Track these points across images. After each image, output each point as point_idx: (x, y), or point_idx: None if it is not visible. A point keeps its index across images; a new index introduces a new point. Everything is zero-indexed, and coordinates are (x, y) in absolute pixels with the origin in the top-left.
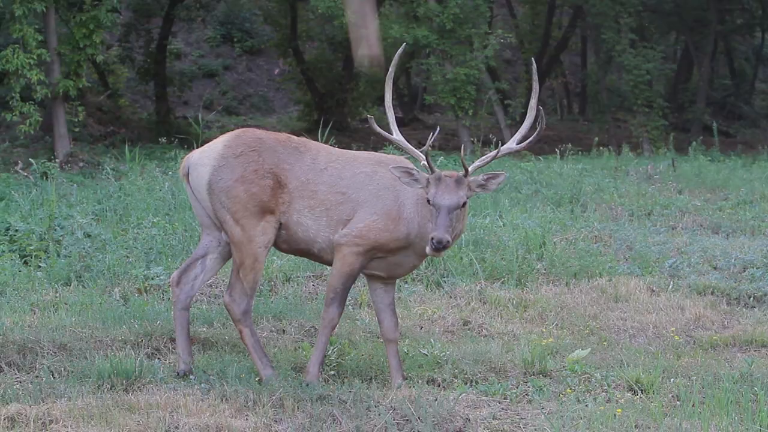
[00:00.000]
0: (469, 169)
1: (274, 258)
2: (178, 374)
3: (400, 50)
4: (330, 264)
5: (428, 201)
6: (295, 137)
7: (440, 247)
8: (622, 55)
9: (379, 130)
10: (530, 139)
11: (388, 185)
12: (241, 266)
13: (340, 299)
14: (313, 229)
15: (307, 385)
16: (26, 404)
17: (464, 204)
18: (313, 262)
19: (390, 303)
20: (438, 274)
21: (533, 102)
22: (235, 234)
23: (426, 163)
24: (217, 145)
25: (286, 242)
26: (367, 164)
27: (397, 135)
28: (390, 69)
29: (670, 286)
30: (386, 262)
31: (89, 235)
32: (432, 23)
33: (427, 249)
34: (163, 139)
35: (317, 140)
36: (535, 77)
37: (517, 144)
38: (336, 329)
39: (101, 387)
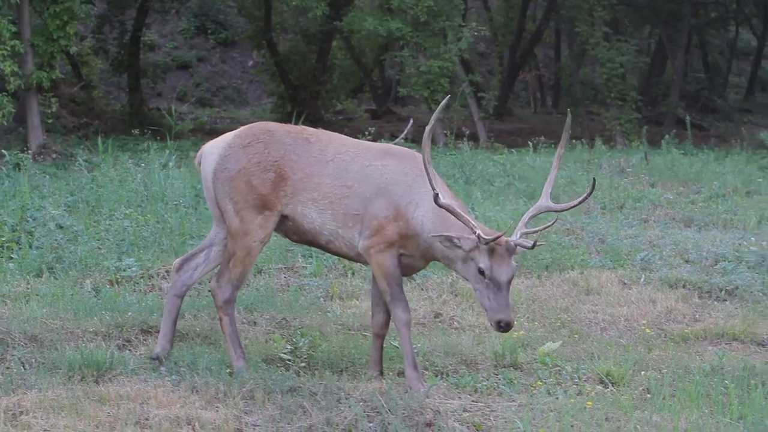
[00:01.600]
0: (521, 239)
1: None
2: (151, 357)
3: (443, 102)
4: (341, 255)
5: (481, 272)
6: (311, 129)
7: (507, 330)
8: (595, 48)
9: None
10: (579, 200)
11: (397, 180)
12: (233, 256)
13: (398, 299)
14: (318, 222)
15: (410, 389)
16: None
17: None
18: (284, 255)
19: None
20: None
21: (560, 152)
22: (233, 224)
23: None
24: (229, 135)
25: (294, 233)
26: (378, 157)
27: (443, 200)
28: (430, 123)
29: (642, 279)
30: (406, 260)
31: (61, 227)
32: (406, 16)
33: (492, 327)
34: (136, 131)
35: None
36: (567, 128)
37: (558, 203)
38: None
39: (72, 378)
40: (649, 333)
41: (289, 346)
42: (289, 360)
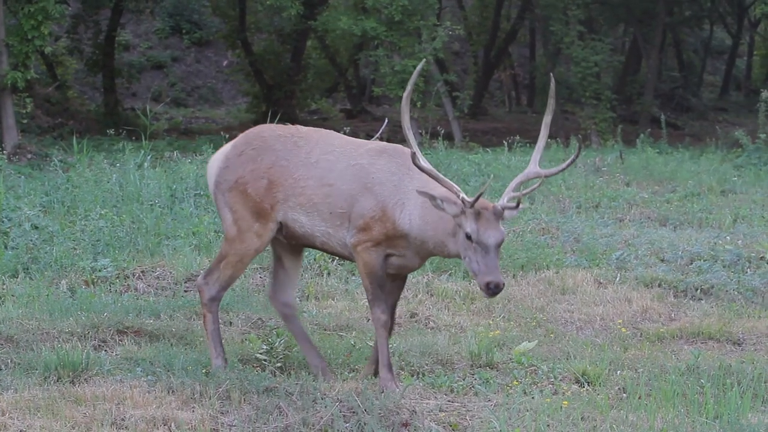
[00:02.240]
0: (508, 202)
1: None
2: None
3: (419, 66)
4: (338, 255)
5: (468, 236)
6: (304, 130)
7: (497, 291)
8: (570, 47)
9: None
10: (566, 164)
11: (383, 179)
12: (224, 259)
13: (376, 298)
14: (308, 225)
15: (383, 391)
16: None
17: None
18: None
19: (393, 303)
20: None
21: (547, 119)
22: (231, 232)
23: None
24: (227, 146)
25: (292, 238)
26: (366, 155)
27: (424, 162)
28: (407, 87)
29: (617, 279)
30: (398, 260)
31: (37, 227)
32: (380, 15)
33: (481, 292)
34: (111, 131)
35: None
36: (552, 93)
37: (544, 169)
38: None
39: (48, 379)
40: (624, 332)
41: (265, 347)
42: (265, 360)
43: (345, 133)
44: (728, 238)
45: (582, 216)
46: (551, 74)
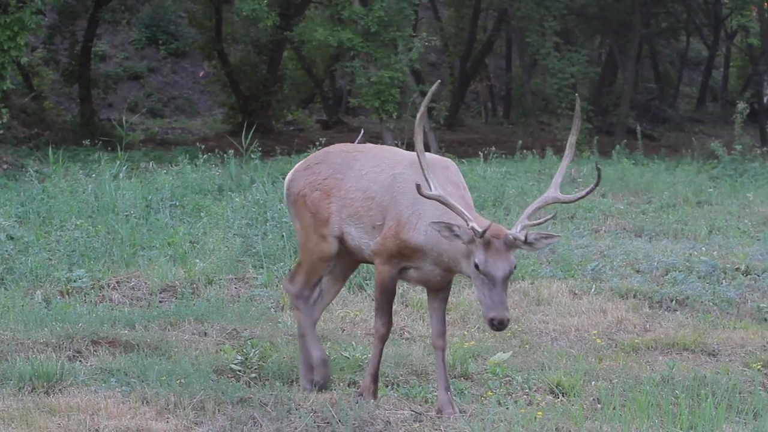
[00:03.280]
0: (523, 231)
1: (196, 260)
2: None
3: (433, 87)
4: None
5: (476, 266)
6: (369, 146)
7: (502, 328)
8: (546, 59)
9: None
10: (585, 192)
11: (405, 189)
12: (301, 265)
13: (381, 310)
14: (356, 238)
15: (361, 395)
16: None
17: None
18: (234, 266)
19: (437, 309)
20: (360, 277)
21: (572, 140)
22: (300, 240)
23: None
24: (300, 162)
25: (350, 254)
26: (400, 165)
27: (431, 191)
28: (421, 108)
29: (593, 290)
30: (417, 272)
31: (12, 238)
32: (357, 26)
33: (486, 325)
34: (87, 142)
35: (241, 143)
36: (577, 113)
37: (565, 194)
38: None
39: (22, 389)
40: (599, 343)
41: (239, 357)
42: (239, 371)
43: (320, 144)
44: (703, 249)
45: (557, 227)
46: (576, 95)
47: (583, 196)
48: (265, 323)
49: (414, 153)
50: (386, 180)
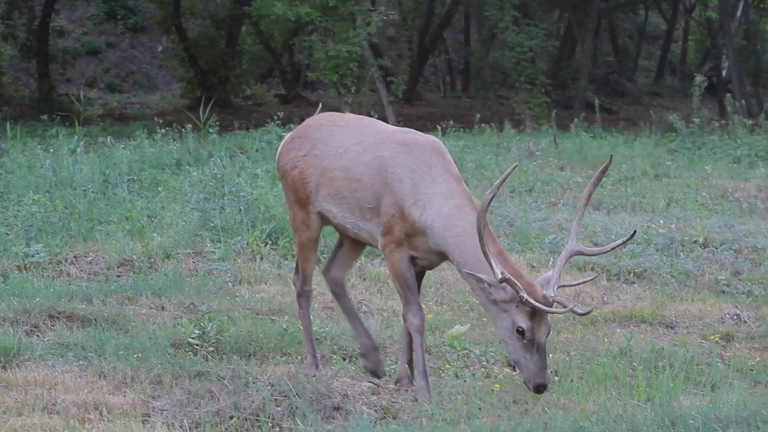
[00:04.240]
0: (557, 294)
1: (154, 235)
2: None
3: (509, 170)
4: (372, 246)
5: (520, 332)
6: (348, 117)
7: (542, 392)
8: (505, 33)
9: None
10: (611, 246)
11: (402, 176)
12: (296, 249)
13: (410, 302)
14: (339, 216)
15: (416, 400)
16: None
17: None
18: (192, 240)
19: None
20: (319, 251)
21: (590, 189)
22: (289, 218)
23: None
24: (293, 131)
25: (334, 227)
26: (389, 147)
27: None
28: (492, 191)
29: (551, 262)
30: (423, 262)
31: None
32: (315, 0)
33: (528, 388)
34: (45, 117)
35: (199, 117)
36: (603, 168)
37: (586, 246)
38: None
39: None
40: (557, 316)
41: (197, 331)
42: (197, 345)
43: (279, 119)
44: (661, 222)
45: (515, 200)
46: (610, 157)
47: (608, 250)
48: (223, 297)
49: (397, 130)
50: (372, 161)
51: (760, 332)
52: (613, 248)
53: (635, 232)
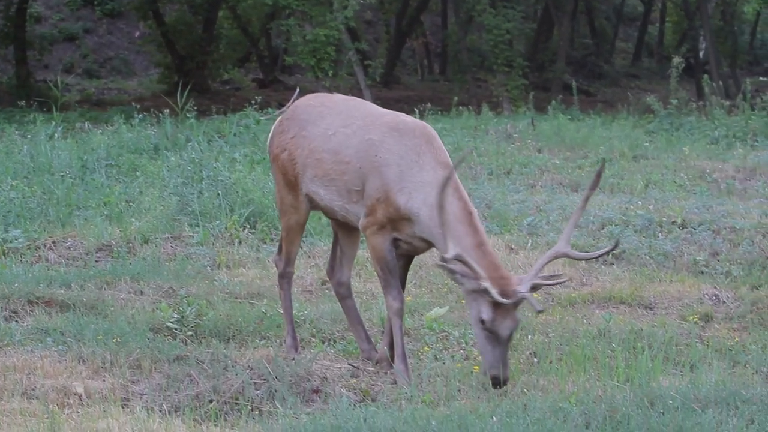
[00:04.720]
0: (530, 289)
1: (132, 220)
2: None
3: (464, 153)
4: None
5: (482, 322)
6: (337, 98)
7: (502, 386)
8: (482, 15)
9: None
10: (598, 253)
11: (390, 161)
12: (281, 231)
13: (389, 284)
14: (326, 199)
15: (395, 383)
16: None
17: None
18: (170, 224)
19: (401, 267)
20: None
21: (588, 193)
22: (277, 202)
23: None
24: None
25: (317, 209)
26: (378, 130)
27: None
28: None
29: (529, 244)
30: (407, 246)
31: None
32: None
33: (489, 380)
34: (23, 103)
35: (177, 102)
36: (598, 171)
37: (576, 251)
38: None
39: None
40: (536, 297)
41: (176, 315)
42: (176, 329)
43: (256, 103)
44: (640, 203)
45: (493, 182)
46: (603, 160)
47: (594, 257)
48: (202, 281)
49: (387, 113)
50: (361, 145)
51: (738, 312)
52: (599, 255)
53: (618, 242)
